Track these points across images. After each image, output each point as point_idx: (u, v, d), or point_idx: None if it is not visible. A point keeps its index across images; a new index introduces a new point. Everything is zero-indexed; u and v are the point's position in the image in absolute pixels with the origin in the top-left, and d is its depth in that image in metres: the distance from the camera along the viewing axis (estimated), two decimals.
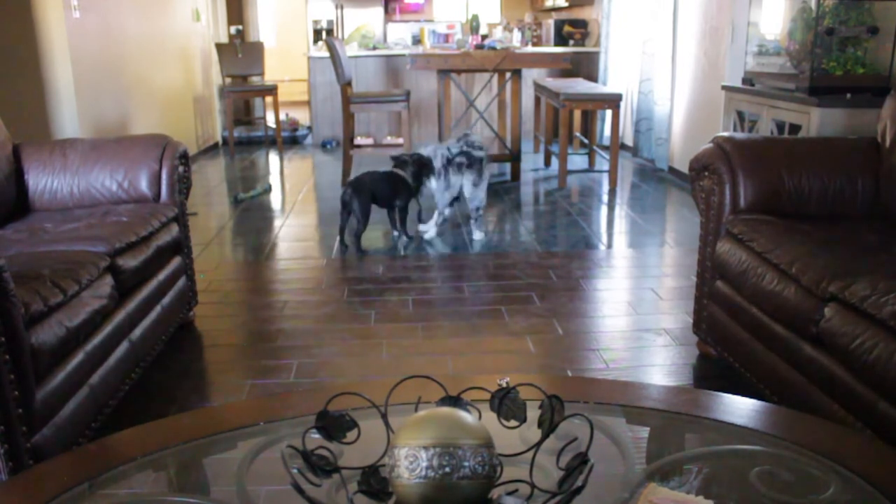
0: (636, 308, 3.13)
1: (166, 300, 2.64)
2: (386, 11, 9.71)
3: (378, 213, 4.21)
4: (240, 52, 7.51)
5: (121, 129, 5.30)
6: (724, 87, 4.22)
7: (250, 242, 4.26)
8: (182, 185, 2.87)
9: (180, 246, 2.85)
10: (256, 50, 7.62)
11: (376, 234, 4.32)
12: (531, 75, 7.26)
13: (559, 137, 5.52)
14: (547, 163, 6.42)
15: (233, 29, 8.66)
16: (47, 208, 2.77)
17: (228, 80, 7.46)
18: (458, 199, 4.29)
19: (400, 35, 9.24)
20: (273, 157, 7.23)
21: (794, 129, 3.37)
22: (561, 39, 8.32)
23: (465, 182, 4.19)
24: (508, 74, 5.77)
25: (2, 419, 1.60)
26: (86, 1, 4.70)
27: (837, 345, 1.78)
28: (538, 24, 9.28)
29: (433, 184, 4.20)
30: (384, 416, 1.12)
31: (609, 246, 4.08)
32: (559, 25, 8.36)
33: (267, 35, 10.73)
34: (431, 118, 7.69)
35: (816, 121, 3.16)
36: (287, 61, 10.86)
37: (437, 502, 0.95)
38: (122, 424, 1.38)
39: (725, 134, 2.61)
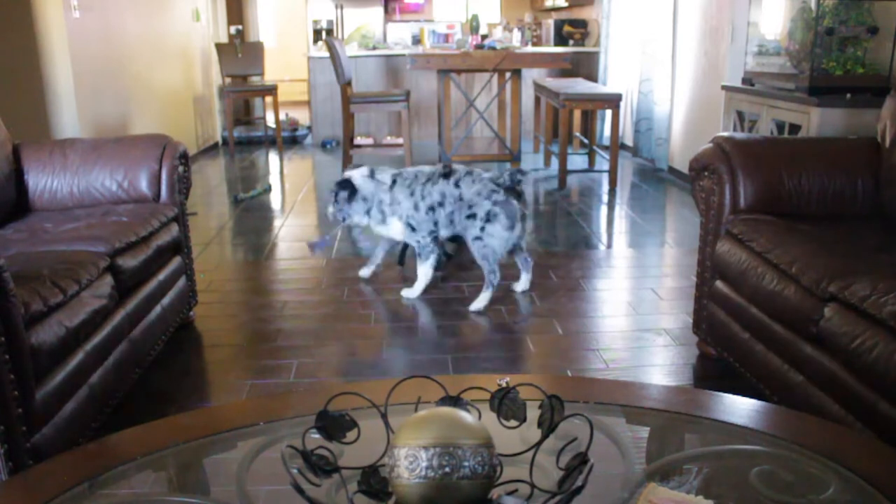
0: (636, 308, 3.13)
1: (166, 300, 2.64)
2: (386, 11, 9.70)
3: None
4: (240, 52, 7.51)
5: (121, 129, 5.30)
6: (724, 87, 4.22)
7: (250, 242, 4.26)
8: (182, 185, 2.87)
9: (180, 246, 2.85)
10: (256, 50, 7.62)
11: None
12: (531, 75, 7.26)
13: (559, 137, 5.52)
14: (547, 163, 6.42)
15: (233, 29, 8.65)
16: (47, 208, 2.77)
17: (228, 80, 7.46)
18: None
19: (400, 35, 9.24)
20: (273, 157, 7.23)
21: (794, 129, 3.37)
22: (561, 39, 8.32)
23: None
24: (508, 74, 5.77)
25: (2, 419, 1.60)
26: (86, 1, 4.70)
27: (837, 345, 1.78)
28: (538, 24, 9.28)
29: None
30: (384, 416, 1.12)
31: (609, 246, 4.08)
32: (559, 25, 8.36)
33: (267, 35, 10.73)
34: (431, 118, 7.69)
35: (816, 121, 3.17)
36: (287, 61, 10.86)
37: (437, 502, 0.95)
38: (122, 424, 1.38)
39: (725, 134, 2.61)
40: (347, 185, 3.20)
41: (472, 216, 3.12)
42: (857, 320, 1.74)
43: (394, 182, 3.21)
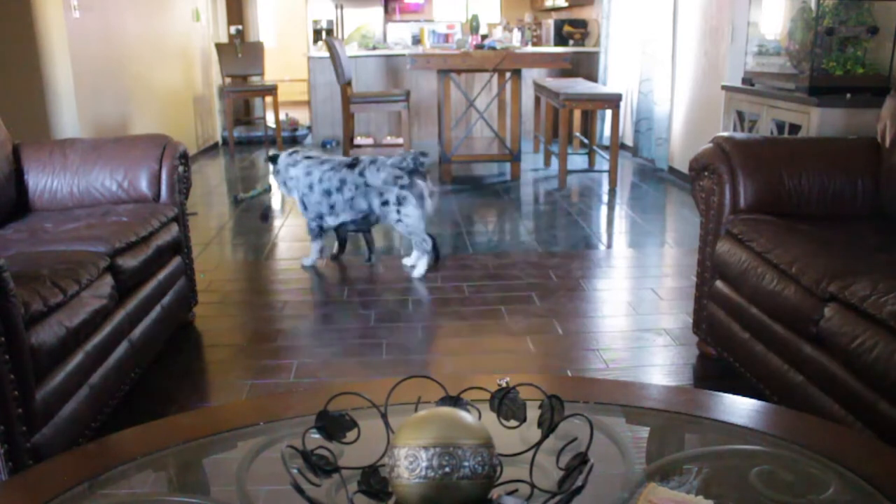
0: (636, 308, 3.13)
1: (166, 300, 2.64)
2: (386, 11, 9.70)
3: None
4: (240, 52, 7.51)
5: (121, 129, 5.30)
6: (724, 87, 4.22)
7: (250, 242, 4.26)
8: (182, 185, 2.87)
9: (180, 246, 2.85)
10: (256, 50, 7.62)
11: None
12: (531, 75, 7.26)
13: (559, 137, 5.52)
14: (547, 163, 6.42)
15: (233, 29, 8.65)
16: (47, 208, 2.77)
17: (228, 80, 7.46)
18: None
19: (400, 35, 9.24)
20: None
21: (794, 129, 3.37)
22: (561, 39, 8.32)
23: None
24: (508, 74, 5.77)
25: (2, 419, 1.60)
26: (86, 1, 4.70)
27: (837, 345, 1.78)
28: (538, 24, 9.28)
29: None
30: (384, 416, 1.12)
31: (609, 246, 4.08)
32: (559, 25, 8.36)
33: (267, 35, 10.73)
34: (431, 118, 7.69)
35: (816, 121, 3.16)
36: (287, 61, 10.86)
37: (437, 502, 0.95)
38: (122, 424, 1.38)
39: (725, 134, 2.61)
40: (271, 159, 3.73)
41: (385, 203, 3.49)
42: (857, 320, 1.74)
43: (303, 159, 3.63)
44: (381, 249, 3.97)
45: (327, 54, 6.46)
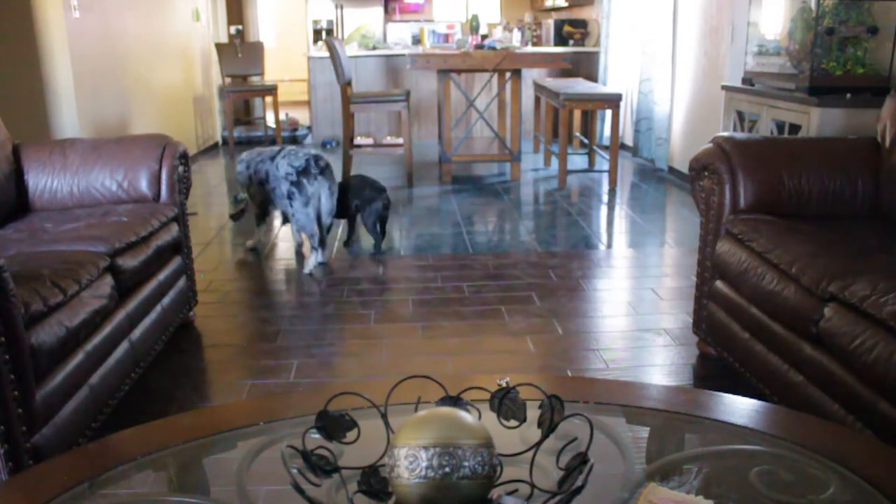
0: (636, 308, 3.13)
1: (166, 300, 2.64)
2: (386, 11, 9.70)
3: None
4: (240, 52, 7.51)
5: (121, 129, 5.30)
6: (724, 87, 4.22)
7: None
8: (182, 185, 2.87)
9: (180, 246, 2.85)
10: (256, 50, 7.62)
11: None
12: (531, 75, 7.26)
13: (559, 137, 5.52)
14: (547, 163, 6.42)
15: (233, 29, 8.65)
16: (47, 208, 2.77)
17: (228, 80, 7.46)
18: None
19: (400, 35, 9.24)
20: None
21: (794, 129, 3.37)
22: (561, 39, 8.32)
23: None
24: (508, 74, 5.77)
25: (2, 419, 1.60)
26: (86, 1, 4.70)
27: (837, 345, 1.78)
28: (538, 24, 9.28)
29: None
30: (384, 416, 1.12)
31: (609, 246, 4.08)
32: (559, 25, 8.36)
33: (267, 35, 10.73)
34: (431, 118, 7.69)
35: (816, 121, 3.16)
36: (287, 61, 10.86)
37: (437, 502, 0.95)
38: (122, 424, 1.38)
39: (725, 134, 2.61)
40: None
41: (282, 195, 3.68)
42: (857, 320, 1.74)
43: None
44: (387, 248, 3.97)
45: (327, 54, 6.46)
